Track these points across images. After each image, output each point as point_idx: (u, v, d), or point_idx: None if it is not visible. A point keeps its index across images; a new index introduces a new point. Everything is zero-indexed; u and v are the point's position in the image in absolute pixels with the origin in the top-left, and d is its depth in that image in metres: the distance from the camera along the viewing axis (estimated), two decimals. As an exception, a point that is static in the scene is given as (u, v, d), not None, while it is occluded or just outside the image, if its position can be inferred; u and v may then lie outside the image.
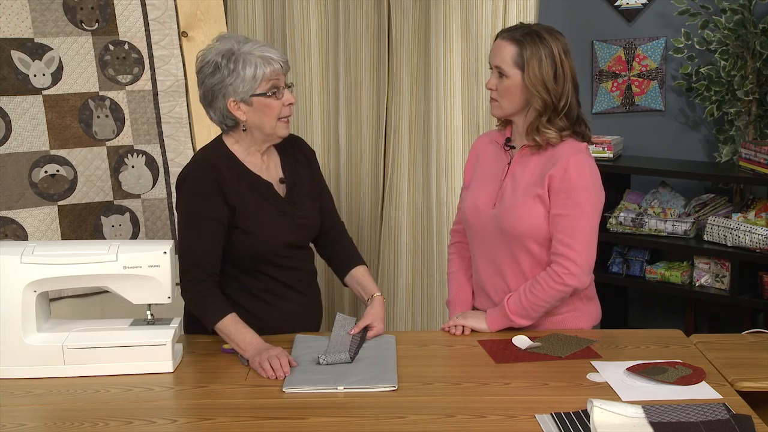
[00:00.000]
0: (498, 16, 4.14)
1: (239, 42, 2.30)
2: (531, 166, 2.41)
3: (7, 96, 2.88)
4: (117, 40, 3.02)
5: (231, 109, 2.30)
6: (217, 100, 2.30)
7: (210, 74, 2.29)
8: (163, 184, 3.08)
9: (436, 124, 4.21)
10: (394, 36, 4.20)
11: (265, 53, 2.28)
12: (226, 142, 2.39)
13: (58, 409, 2.00)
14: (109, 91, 3.01)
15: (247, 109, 2.30)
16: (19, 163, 2.89)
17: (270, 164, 2.44)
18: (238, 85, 2.27)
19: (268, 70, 2.28)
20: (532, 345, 2.31)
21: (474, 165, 2.56)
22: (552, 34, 2.36)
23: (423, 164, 4.27)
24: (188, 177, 2.35)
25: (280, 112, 2.32)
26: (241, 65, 2.26)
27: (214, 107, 2.33)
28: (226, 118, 2.33)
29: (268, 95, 2.29)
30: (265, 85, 2.28)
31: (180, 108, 3.09)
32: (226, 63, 2.26)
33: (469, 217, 2.49)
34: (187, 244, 2.33)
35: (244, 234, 2.35)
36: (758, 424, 1.83)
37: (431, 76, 4.18)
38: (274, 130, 2.34)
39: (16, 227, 2.88)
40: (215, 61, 2.27)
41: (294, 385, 2.07)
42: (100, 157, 3.00)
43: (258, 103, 2.29)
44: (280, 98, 2.31)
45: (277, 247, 2.38)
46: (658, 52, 4.21)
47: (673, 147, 4.25)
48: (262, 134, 2.35)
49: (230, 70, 2.26)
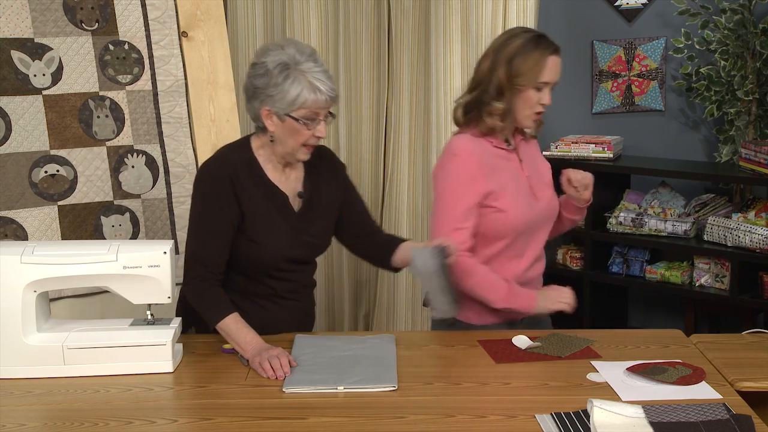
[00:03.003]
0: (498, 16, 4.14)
1: (301, 55, 2.23)
2: (530, 152, 2.57)
3: (7, 96, 2.88)
4: (117, 40, 3.02)
5: (262, 116, 2.27)
6: (255, 101, 2.28)
7: (259, 76, 2.25)
8: (163, 184, 3.08)
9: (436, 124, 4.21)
10: (394, 36, 4.20)
11: (316, 81, 2.21)
12: (253, 145, 2.37)
13: (58, 409, 2.00)
14: (109, 91, 3.01)
15: (277, 123, 2.26)
16: (19, 163, 2.89)
17: (291, 175, 2.40)
18: (277, 99, 2.22)
19: (311, 98, 2.22)
20: (532, 345, 2.31)
21: (486, 176, 2.41)
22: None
23: (423, 164, 4.27)
24: (206, 174, 2.35)
25: (306, 140, 2.28)
26: (289, 83, 2.21)
27: (251, 106, 2.30)
28: (258, 120, 2.31)
29: (301, 122, 2.24)
30: (303, 112, 2.23)
31: (180, 108, 3.09)
32: (277, 74, 2.21)
33: (521, 224, 2.43)
34: (196, 241, 2.33)
35: (249, 242, 2.34)
36: (758, 424, 1.83)
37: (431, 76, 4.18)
38: (295, 153, 2.31)
39: (16, 227, 2.88)
40: (268, 67, 2.23)
41: (294, 385, 2.07)
42: (100, 157, 3.00)
43: (289, 124, 2.25)
44: (312, 129, 2.26)
45: (280, 261, 2.38)
46: (658, 52, 4.21)
47: (673, 147, 4.25)
48: (282, 151, 2.32)
49: (277, 82, 2.21)
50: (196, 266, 2.31)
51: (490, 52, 2.42)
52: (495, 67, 2.38)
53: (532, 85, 2.37)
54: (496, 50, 2.41)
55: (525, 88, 2.37)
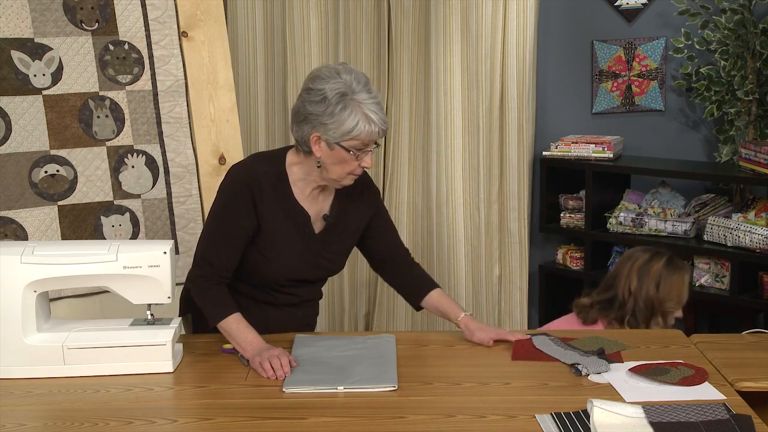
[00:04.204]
0: (498, 16, 4.14)
1: (357, 84, 2.20)
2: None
3: (7, 96, 2.88)
4: (117, 40, 3.02)
5: (311, 141, 2.24)
6: (306, 126, 2.24)
7: (314, 102, 2.21)
8: (163, 184, 3.08)
9: (436, 124, 4.21)
10: (394, 36, 4.20)
11: (371, 113, 2.19)
12: (288, 159, 2.34)
13: (58, 409, 2.00)
14: (109, 91, 3.01)
15: (325, 149, 2.23)
16: (19, 163, 2.89)
17: (320, 197, 2.38)
18: (331, 128, 2.20)
19: (365, 130, 2.19)
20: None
21: None
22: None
23: (423, 164, 4.27)
24: (231, 179, 2.33)
25: (353, 170, 2.26)
26: (346, 114, 2.18)
27: (300, 129, 2.26)
28: (304, 143, 2.27)
29: (351, 153, 2.22)
30: (354, 143, 2.21)
31: (180, 108, 3.08)
32: (335, 103, 2.18)
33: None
34: (208, 242, 2.33)
35: (260, 255, 2.33)
36: (758, 424, 1.83)
37: (431, 76, 4.18)
38: (340, 179, 2.29)
39: (16, 227, 2.88)
40: (327, 95, 2.19)
41: (294, 385, 2.07)
42: (100, 157, 3.00)
43: (338, 153, 2.22)
44: (359, 159, 2.24)
45: (286, 280, 2.38)
46: (658, 52, 4.21)
47: (673, 147, 4.25)
48: (326, 176, 2.29)
49: (333, 112, 2.19)
50: (204, 265, 2.31)
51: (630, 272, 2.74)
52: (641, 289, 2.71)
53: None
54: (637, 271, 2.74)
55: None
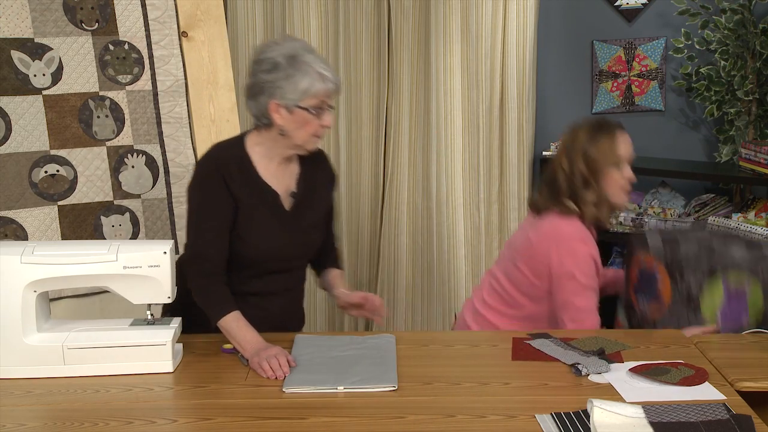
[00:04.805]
0: (498, 16, 4.14)
1: (304, 50, 2.27)
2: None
3: (7, 96, 2.88)
4: (117, 40, 3.02)
5: (270, 110, 2.28)
6: (262, 97, 2.28)
7: (266, 71, 2.26)
8: (163, 184, 3.08)
9: (436, 124, 4.21)
10: (394, 36, 4.20)
11: (323, 70, 2.26)
12: (247, 143, 2.38)
13: (58, 409, 2.00)
14: (109, 91, 3.01)
15: (286, 115, 2.28)
16: (19, 163, 2.89)
17: (285, 174, 2.41)
18: (287, 91, 2.24)
19: (321, 87, 2.25)
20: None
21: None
22: None
23: (423, 164, 4.27)
24: (198, 175, 2.36)
25: (315, 130, 2.31)
26: (300, 74, 2.24)
27: (257, 102, 2.30)
28: (263, 116, 2.31)
29: (311, 112, 2.27)
30: (312, 101, 2.26)
31: (180, 108, 3.09)
32: (286, 66, 2.24)
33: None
34: (197, 239, 2.33)
35: (238, 238, 2.34)
36: (758, 424, 1.83)
37: (431, 76, 4.18)
38: (305, 143, 2.33)
39: (16, 227, 2.88)
40: (276, 60, 2.25)
41: (294, 385, 2.07)
42: (100, 157, 3.00)
43: (298, 116, 2.27)
44: (320, 118, 2.29)
45: (269, 258, 2.39)
46: (658, 52, 4.21)
47: (673, 147, 4.25)
48: (291, 143, 2.33)
49: (287, 74, 2.24)
50: (201, 262, 2.31)
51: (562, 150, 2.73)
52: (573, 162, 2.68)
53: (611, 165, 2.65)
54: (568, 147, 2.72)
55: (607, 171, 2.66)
